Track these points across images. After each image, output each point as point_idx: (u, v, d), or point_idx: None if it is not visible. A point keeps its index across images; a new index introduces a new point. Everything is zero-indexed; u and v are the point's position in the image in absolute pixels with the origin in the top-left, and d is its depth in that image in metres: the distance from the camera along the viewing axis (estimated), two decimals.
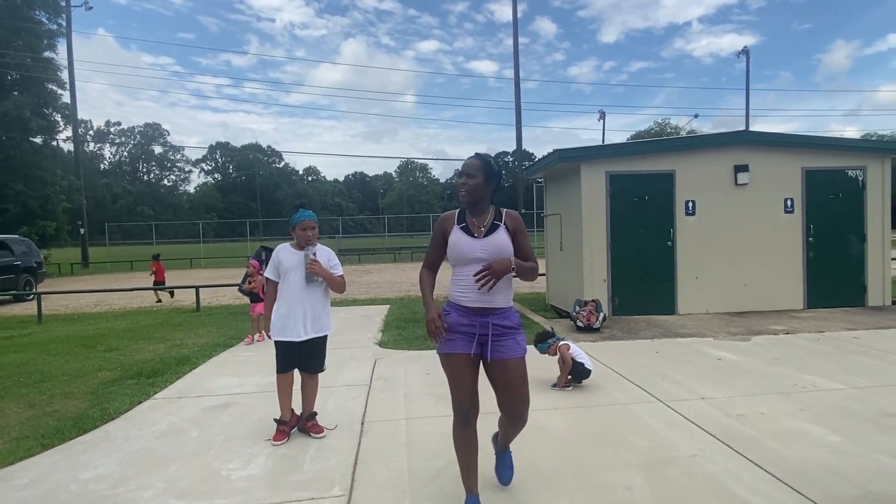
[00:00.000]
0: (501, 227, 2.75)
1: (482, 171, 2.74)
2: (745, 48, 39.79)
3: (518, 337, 2.74)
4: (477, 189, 2.75)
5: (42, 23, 30.76)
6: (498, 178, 2.80)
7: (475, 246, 2.71)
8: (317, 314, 3.87)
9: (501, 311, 2.72)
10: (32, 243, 18.19)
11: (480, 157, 2.80)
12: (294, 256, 3.88)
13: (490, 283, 2.59)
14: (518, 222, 2.79)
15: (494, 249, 2.68)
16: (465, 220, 2.79)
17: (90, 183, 52.27)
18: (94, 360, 6.74)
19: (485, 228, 2.74)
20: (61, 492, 3.19)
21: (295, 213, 3.90)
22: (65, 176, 31.77)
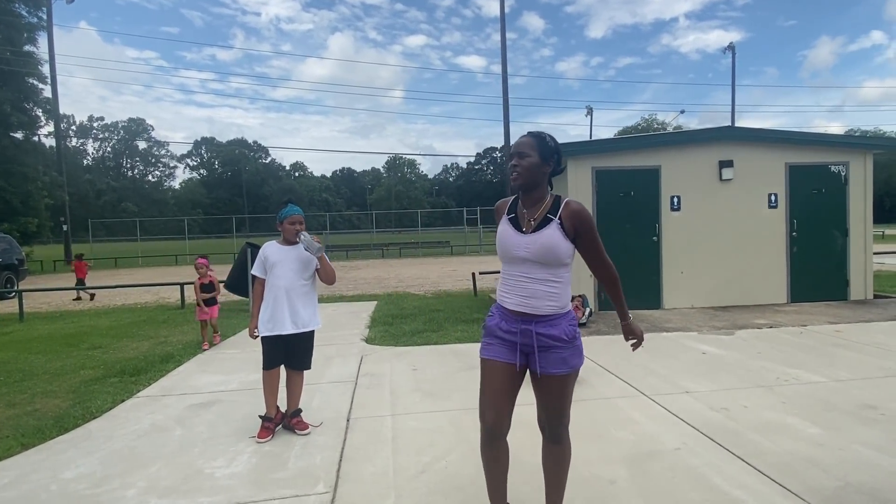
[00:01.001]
0: (554, 221, 2.28)
1: (537, 150, 2.32)
2: (731, 44, 40.13)
3: (565, 352, 2.32)
4: (532, 170, 2.32)
5: (22, 16, 30.24)
6: (556, 158, 2.38)
7: (520, 243, 2.32)
8: (304, 309, 3.86)
9: (547, 319, 2.31)
10: (14, 240, 17.91)
11: (533, 135, 2.38)
12: (281, 252, 3.86)
13: None
14: (581, 219, 2.28)
15: (540, 250, 2.27)
16: (517, 209, 2.42)
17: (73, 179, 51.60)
18: (77, 358, 6.65)
19: (535, 222, 2.32)
20: (41, 492, 3.14)
21: (283, 209, 3.88)
22: (47, 172, 31.38)
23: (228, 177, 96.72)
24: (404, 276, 17.91)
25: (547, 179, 2.37)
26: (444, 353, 6.27)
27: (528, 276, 2.32)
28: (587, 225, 2.30)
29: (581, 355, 2.39)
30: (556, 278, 2.30)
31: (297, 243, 3.85)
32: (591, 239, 2.32)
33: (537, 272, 2.30)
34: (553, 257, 2.27)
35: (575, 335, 2.36)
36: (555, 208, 2.32)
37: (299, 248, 3.87)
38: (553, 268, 2.29)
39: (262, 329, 3.84)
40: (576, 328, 2.37)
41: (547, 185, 2.38)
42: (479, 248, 34.18)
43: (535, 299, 2.30)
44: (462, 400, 4.57)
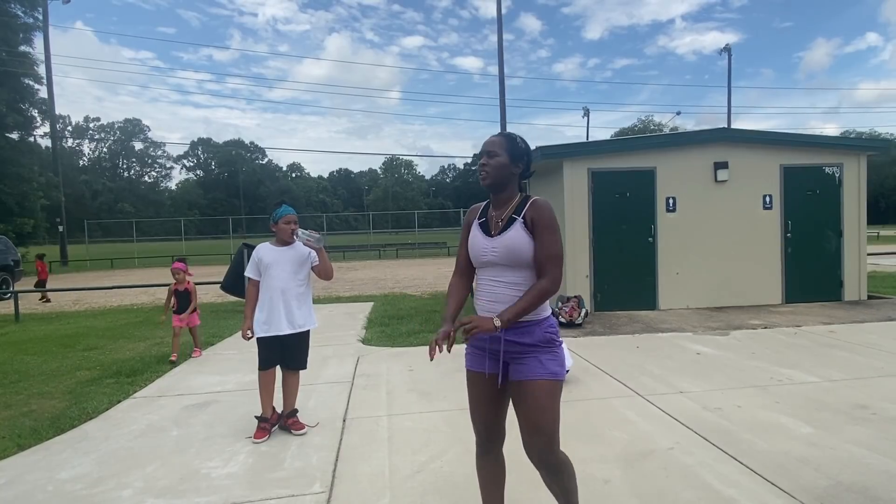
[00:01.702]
0: (518, 221, 2.19)
1: (506, 149, 2.26)
2: (727, 46, 40.16)
3: (544, 356, 2.17)
4: (500, 170, 2.25)
5: (18, 16, 30.17)
6: (525, 159, 2.29)
7: (487, 246, 2.25)
8: (299, 309, 3.88)
9: (519, 326, 2.17)
10: (9, 241, 17.85)
11: (504, 135, 2.32)
12: (275, 253, 3.87)
13: (472, 333, 2.08)
14: (542, 212, 2.17)
15: (505, 252, 2.19)
16: (488, 213, 2.35)
17: (69, 180, 51.46)
18: (73, 359, 6.65)
19: (501, 223, 2.24)
20: (38, 492, 3.15)
21: (277, 209, 3.89)
22: (42, 172, 31.29)
23: (225, 178, 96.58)
24: (401, 277, 17.92)
25: (516, 181, 2.31)
26: (441, 354, 6.27)
27: (496, 279, 2.23)
28: (545, 217, 2.17)
29: (562, 364, 2.21)
30: (526, 281, 2.19)
31: (291, 244, 3.87)
32: (549, 232, 2.16)
33: (505, 275, 2.21)
34: (517, 258, 2.17)
35: (552, 341, 2.20)
36: (520, 208, 2.23)
37: (294, 249, 3.88)
38: (520, 270, 2.20)
39: (257, 330, 3.84)
40: (554, 334, 2.21)
41: (516, 187, 2.31)
42: None
43: (502, 304, 2.17)
44: (457, 400, 4.59)
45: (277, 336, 3.83)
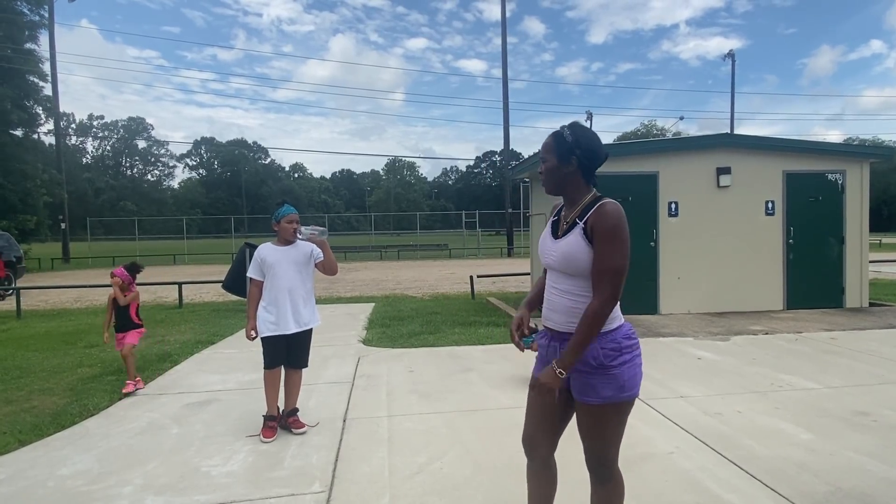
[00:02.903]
0: (579, 226, 2.01)
1: (553, 150, 2.07)
2: (731, 51, 40.36)
3: (593, 378, 1.98)
4: (552, 175, 2.10)
5: (24, 13, 30.26)
6: (576, 152, 2.03)
7: (548, 249, 2.13)
8: (304, 308, 3.92)
9: (570, 337, 1.99)
10: (12, 237, 17.90)
11: (554, 133, 2.10)
12: (278, 252, 3.89)
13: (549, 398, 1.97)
14: (603, 219, 1.94)
15: (561, 258, 2.04)
16: (562, 212, 2.18)
17: (72, 177, 51.58)
18: (74, 356, 6.66)
19: (566, 226, 2.09)
20: (38, 487, 3.16)
21: (278, 209, 3.89)
22: (46, 169, 31.37)
23: (228, 177, 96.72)
24: (402, 279, 17.93)
25: (577, 179, 2.07)
26: (441, 355, 6.29)
27: (553, 285, 2.11)
28: (606, 226, 1.94)
29: (620, 387, 1.98)
30: (581, 292, 2.00)
31: (293, 243, 3.89)
32: (606, 242, 1.93)
33: (561, 282, 2.07)
34: (574, 267, 2.00)
35: (605, 361, 1.97)
36: (586, 211, 2.02)
37: (297, 248, 3.90)
38: (576, 279, 2.02)
39: (264, 329, 3.85)
40: (616, 353, 1.98)
41: (580, 186, 2.08)
42: (478, 251, 34.21)
43: (556, 313, 2.08)
44: (458, 402, 4.59)
45: (284, 335, 3.85)
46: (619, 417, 2.06)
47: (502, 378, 5.26)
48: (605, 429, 2.06)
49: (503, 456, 3.48)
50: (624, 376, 1.98)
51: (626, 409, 2.06)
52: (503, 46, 32.20)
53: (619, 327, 2.02)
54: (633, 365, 2.01)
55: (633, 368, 2.01)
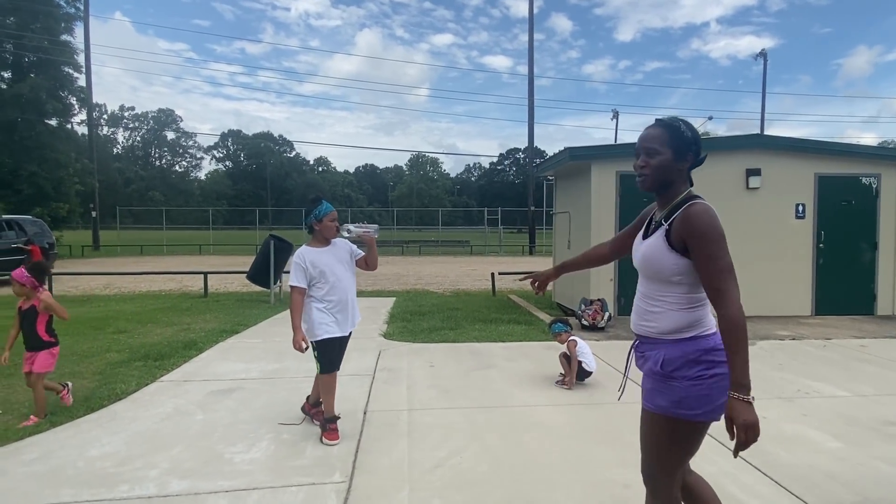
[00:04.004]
0: (662, 229, 1.87)
1: (668, 143, 1.88)
2: (762, 51, 39.46)
3: (663, 385, 1.85)
4: (662, 170, 1.89)
5: (60, 6, 30.98)
6: (695, 150, 1.91)
7: (636, 249, 2.01)
8: (356, 305, 3.81)
9: (650, 341, 1.92)
10: (45, 224, 18.37)
11: (664, 125, 1.91)
12: (323, 254, 3.68)
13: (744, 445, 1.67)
14: (688, 225, 1.78)
15: (641, 259, 1.94)
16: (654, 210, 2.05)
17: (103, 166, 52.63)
18: (103, 341, 6.82)
19: (654, 226, 1.96)
20: (68, 467, 3.25)
21: (318, 206, 3.65)
22: (78, 159, 32.10)
23: (253, 169, 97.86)
24: (423, 274, 17.98)
25: (685, 176, 1.93)
26: (462, 351, 6.30)
27: (640, 288, 1.99)
28: (694, 233, 1.77)
29: (676, 402, 1.81)
30: (661, 296, 1.87)
31: (331, 242, 3.74)
32: (699, 254, 1.77)
33: (643, 285, 1.96)
34: (653, 270, 1.88)
35: (664, 368, 1.84)
36: (674, 211, 1.87)
37: (338, 246, 3.76)
38: (655, 283, 1.90)
39: (324, 332, 3.63)
40: (680, 363, 1.82)
41: (683, 184, 1.92)
42: (500, 248, 34.13)
43: (636, 315, 1.98)
44: (478, 398, 4.60)
45: (345, 335, 3.75)
46: (672, 436, 1.85)
47: (523, 376, 5.25)
48: (654, 441, 1.91)
49: (523, 453, 3.48)
50: (684, 392, 1.80)
51: (681, 429, 1.84)
52: (530, 43, 32.01)
53: (694, 337, 1.84)
54: (702, 384, 1.79)
55: (700, 387, 1.79)
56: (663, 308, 1.87)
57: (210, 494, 2.94)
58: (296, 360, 5.75)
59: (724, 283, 1.74)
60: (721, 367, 1.78)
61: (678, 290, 1.85)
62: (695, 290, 1.85)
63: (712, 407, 1.80)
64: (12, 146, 27.94)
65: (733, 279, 1.76)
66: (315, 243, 3.72)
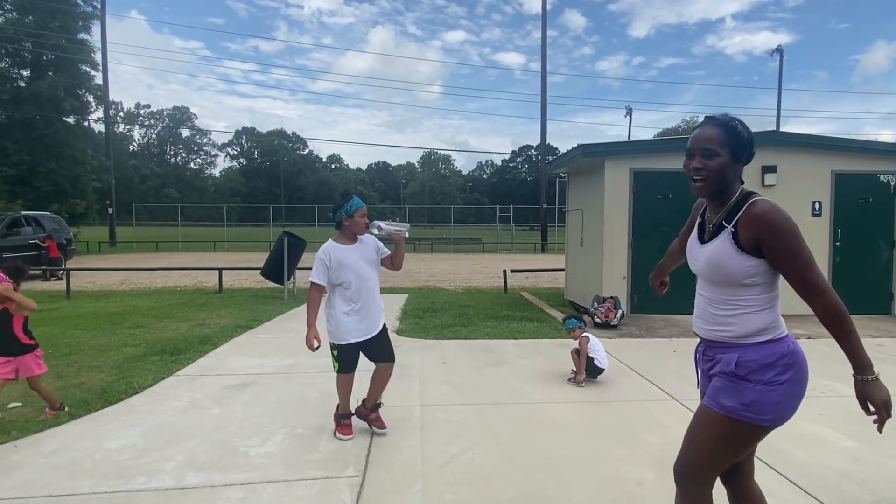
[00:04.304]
0: (727, 230, 1.80)
1: (727, 144, 1.79)
2: (779, 47, 38.95)
3: (733, 385, 1.78)
4: (721, 174, 1.80)
5: (78, 5, 31.36)
6: (749, 150, 1.83)
7: (695, 255, 1.94)
8: (380, 306, 3.70)
9: (720, 345, 1.87)
10: (63, 221, 18.66)
11: (720, 124, 1.81)
12: (350, 252, 3.55)
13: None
14: (761, 225, 1.72)
15: (706, 265, 1.85)
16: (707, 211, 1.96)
17: (119, 163, 53.28)
18: (120, 335, 6.92)
19: (712, 228, 1.88)
20: (86, 459, 3.31)
21: (349, 201, 3.51)
22: (95, 156, 32.50)
23: (267, 166, 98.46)
24: (435, 271, 18.01)
25: (739, 176, 1.86)
26: (474, 347, 6.31)
27: (700, 291, 1.92)
28: (769, 232, 1.71)
29: (745, 404, 1.75)
30: (733, 300, 1.81)
31: (357, 240, 3.60)
32: (778, 253, 1.72)
33: (707, 290, 1.89)
34: (722, 275, 1.81)
35: (737, 370, 1.78)
36: (734, 211, 1.80)
37: (365, 244, 3.63)
38: (724, 288, 1.83)
39: (348, 336, 3.54)
40: (753, 366, 1.76)
41: (737, 185, 1.86)
42: (511, 245, 34.08)
43: (702, 321, 1.91)
44: (490, 394, 4.61)
45: (370, 337, 3.61)
46: (731, 435, 1.79)
47: (535, 372, 5.25)
48: (710, 438, 1.82)
49: (535, 450, 3.49)
50: (755, 395, 1.75)
51: (743, 431, 1.79)
52: (543, 39, 31.88)
53: (770, 341, 1.79)
54: (774, 389, 1.75)
55: (771, 393, 1.74)
56: (738, 312, 1.80)
57: (225, 487, 2.98)
58: (309, 357, 5.78)
59: (812, 274, 1.72)
60: (794, 371, 1.78)
61: (753, 291, 1.79)
62: (769, 290, 1.82)
63: (781, 414, 1.78)
64: (31, 144, 28.35)
65: (818, 270, 1.74)
66: (342, 239, 3.60)
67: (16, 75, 30.44)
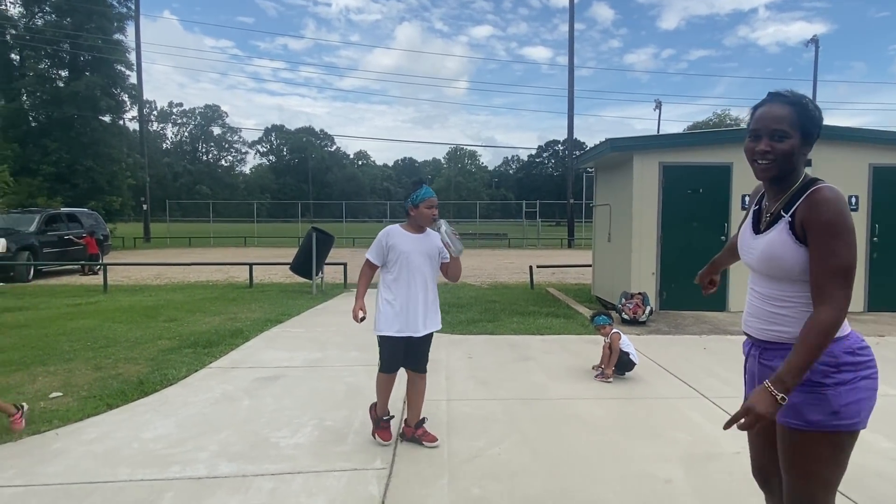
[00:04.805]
0: (784, 220, 1.65)
1: (798, 125, 1.64)
2: (814, 37, 37.85)
3: (811, 396, 1.62)
4: (790, 158, 1.64)
5: (113, 6, 32.18)
6: (818, 131, 1.69)
7: (747, 246, 1.81)
8: (433, 306, 3.48)
9: (774, 347, 1.72)
10: (100, 217, 19.19)
11: (791, 101, 1.65)
12: (410, 241, 3.37)
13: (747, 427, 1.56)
14: (819, 210, 1.57)
15: (760, 258, 1.72)
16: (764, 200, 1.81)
17: (153, 161, 54.58)
18: (155, 328, 7.11)
19: (769, 218, 1.73)
20: (124, 448, 3.42)
21: (418, 190, 3.36)
22: (130, 154, 33.41)
23: (295, 163, 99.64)
24: (461, 266, 18.00)
25: (804, 160, 1.70)
26: (500, 343, 6.32)
27: (753, 287, 1.79)
28: (818, 221, 1.56)
29: (832, 413, 1.59)
30: (786, 298, 1.68)
31: (425, 231, 3.44)
32: (816, 245, 1.57)
33: (761, 284, 1.75)
34: (778, 269, 1.66)
35: (814, 377, 1.60)
36: (794, 200, 1.65)
37: (429, 238, 3.44)
38: (781, 283, 1.68)
39: (386, 328, 3.36)
40: (831, 370, 1.60)
41: (802, 169, 1.70)
42: (538, 241, 33.88)
43: (755, 319, 1.77)
44: (516, 390, 4.62)
45: (411, 336, 3.39)
46: (832, 451, 1.63)
47: (562, 368, 5.24)
48: (810, 462, 1.65)
49: (561, 445, 3.49)
50: (840, 400, 1.59)
51: (842, 442, 1.64)
52: (570, 33, 31.53)
53: (837, 339, 1.61)
54: (855, 388, 1.61)
55: (854, 392, 1.61)
56: (795, 310, 1.65)
57: (257, 477, 3.05)
58: (337, 350, 5.89)
59: (835, 285, 1.53)
60: (866, 367, 1.63)
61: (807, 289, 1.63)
62: None
63: (868, 412, 1.64)
64: (69, 142, 29.25)
65: (847, 283, 1.54)
66: (407, 227, 3.44)
67: (55, 76, 31.44)
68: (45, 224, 15.15)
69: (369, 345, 4.24)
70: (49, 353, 5.74)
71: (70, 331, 6.94)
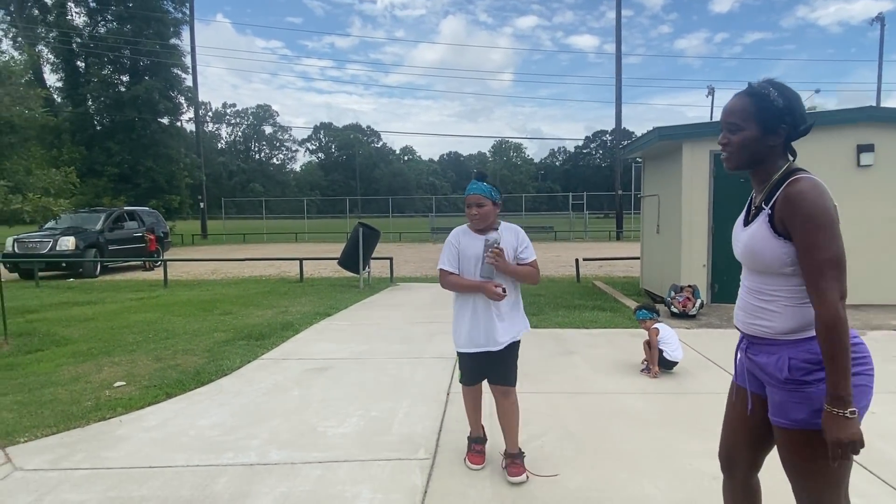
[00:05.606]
0: (764, 212, 1.65)
1: (753, 116, 1.64)
2: (879, 14, 35.69)
3: (781, 395, 1.63)
4: (746, 148, 1.67)
5: (169, 12, 33.49)
6: (787, 119, 1.63)
7: (737, 238, 1.80)
8: (510, 312, 3.03)
9: (761, 342, 1.70)
10: (160, 215, 20.09)
11: (751, 93, 1.66)
12: (474, 242, 2.95)
13: None
14: (794, 205, 1.55)
15: (743, 250, 1.73)
16: None
17: (209, 161, 56.55)
18: (211, 321, 7.41)
19: (754, 210, 1.74)
20: (182, 435, 3.60)
21: (469, 185, 3.03)
22: (187, 154, 34.74)
23: (343, 160, 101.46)
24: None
25: (779, 151, 1.67)
26: (544, 336, 6.28)
27: (744, 281, 1.78)
28: (796, 215, 1.54)
29: (816, 411, 1.55)
30: (773, 290, 1.65)
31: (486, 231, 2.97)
32: (799, 241, 1.54)
33: (748, 277, 1.75)
34: (759, 263, 1.66)
35: (794, 375, 1.59)
36: (773, 191, 1.64)
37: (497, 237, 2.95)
38: (764, 276, 1.67)
39: (459, 344, 3.04)
40: (811, 367, 1.57)
41: (779, 160, 1.68)
42: (585, 234, 33.36)
43: (743, 312, 1.76)
44: (559, 383, 4.60)
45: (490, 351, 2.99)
46: (824, 450, 1.55)
47: (607, 363, 5.17)
48: (805, 460, 1.62)
49: (605, 439, 3.46)
50: (817, 397, 1.55)
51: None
52: (617, 20, 30.78)
53: (804, 339, 1.61)
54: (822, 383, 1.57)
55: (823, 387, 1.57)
56: (777, 304, 1.64)
57: (305, 465, 3.16)
58: (383, 343, 5.99)
59: (825, 278, 1.50)
60: (859, 363, 1.56)
61: (793, 282, 1.61)
62: None
63: (864, 408, 1.59)
64: (131, 144, 30.69)
65: (837, 274, 1.50)
66: (472, 227, 3.02)
67: (116, 81, 32.98)
68: (111, 222, 15.97)
69: (413, 338, 4.31)
70: (114, 345, 6.08)
71: (133, 323, 7.32)
